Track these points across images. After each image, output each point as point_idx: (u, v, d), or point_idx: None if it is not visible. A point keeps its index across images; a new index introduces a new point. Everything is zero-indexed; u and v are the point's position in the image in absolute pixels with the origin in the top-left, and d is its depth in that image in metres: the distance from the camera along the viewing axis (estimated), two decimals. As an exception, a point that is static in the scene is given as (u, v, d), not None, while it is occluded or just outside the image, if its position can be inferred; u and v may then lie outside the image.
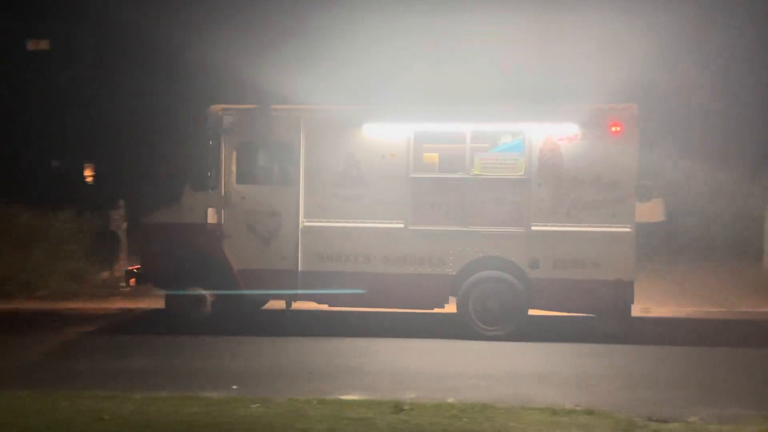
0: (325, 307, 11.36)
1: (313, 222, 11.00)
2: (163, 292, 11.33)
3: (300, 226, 11.00)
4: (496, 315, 10.74)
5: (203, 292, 11.12)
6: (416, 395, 7.62)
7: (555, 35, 15.14)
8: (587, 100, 10.97)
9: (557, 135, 10.70)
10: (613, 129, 10.61)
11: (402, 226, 10.87)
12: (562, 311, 11.09)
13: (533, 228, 10.68)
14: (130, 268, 11.50)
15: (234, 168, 11.14)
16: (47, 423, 6.41)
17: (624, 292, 10.56)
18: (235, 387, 8.14)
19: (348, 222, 10.95)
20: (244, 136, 11.12)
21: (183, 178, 11.24)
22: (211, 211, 11.13)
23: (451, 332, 10.90)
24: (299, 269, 10.98)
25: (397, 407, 6.86)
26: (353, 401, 7.36)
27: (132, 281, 11.39)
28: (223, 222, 11.12)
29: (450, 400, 7.46)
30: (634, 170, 10.63)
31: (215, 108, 11.23)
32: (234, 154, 11.13)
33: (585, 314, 11.14)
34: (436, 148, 11.08)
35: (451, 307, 10.99)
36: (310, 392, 7.72)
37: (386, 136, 10.93)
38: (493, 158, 10.88)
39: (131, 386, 7.99)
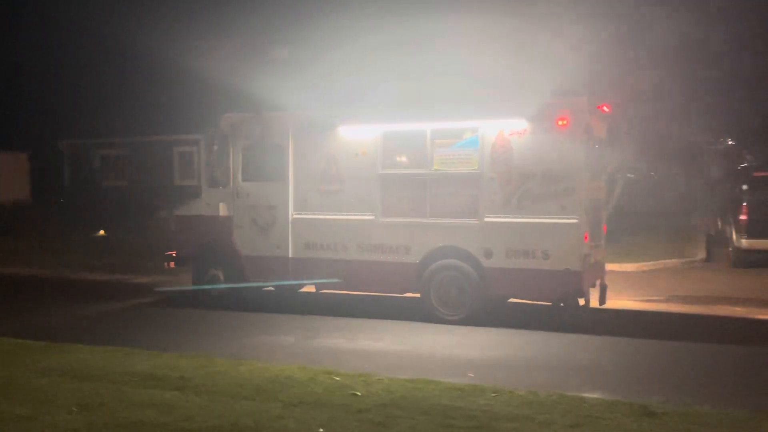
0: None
1: (301, 215, 12.41)
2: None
3: (290, 218, 12.45)
4: (454, 301, 11.48)
5: (218, 273, 12.98)
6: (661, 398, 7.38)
7: (524, 35, 15.05)
8: (536, 95, 11.16)
9: (508, 130, 11.12)
10: (560, 122, 10.83)
11: (373, 218, 11.93)
12: (516, 298, 11.57)
13: (486, 219, 11.25)
14: (168, 252, 13.65)
15: (240, 167, 12.82)
16: (305, 396, 7.10)
17: (572, 281, 10.84)
18: (471, 375, 8.30)
19: (328, 214, 12.22)
20: (246, 140, 12.76)
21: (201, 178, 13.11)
22: (222, 206, 12.94)
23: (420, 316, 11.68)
24: (290, 256, 12.45)
25: (646, 411, 6.62)
26: (594, 399, 7.19)
27: (171, 264, 13.53)
28: (232, 215, 12.87)
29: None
30: (581, 162, 10.79)
31: (224, 117, 12.95)
32: (240, 155, 12.82)
33: (539, 302, 11.51)
34: (402, 146, 11.92)
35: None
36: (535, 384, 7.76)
37: (359, 136, 12.01)
38: (450, 154, 11.54)
39: (374, 367, 8.55)
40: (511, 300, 12.07)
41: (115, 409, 6.70)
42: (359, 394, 7.19)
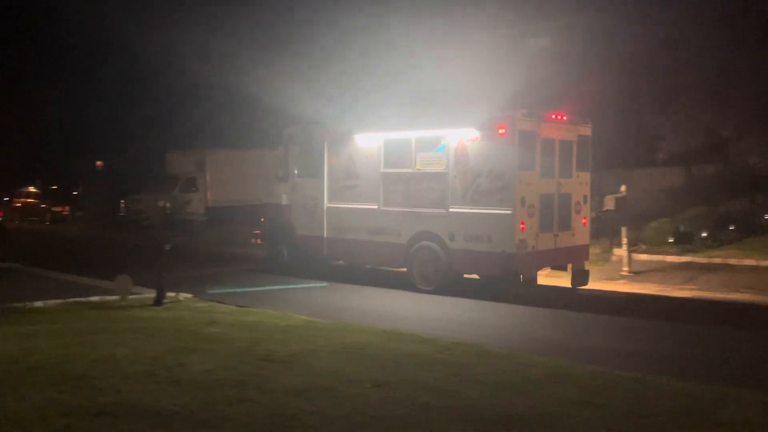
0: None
1: (333, 204, 15.81)
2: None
3: (325, 207, 15.90)
4: (429, 275, 14.25)
5: (283, 248, 16.80)
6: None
7: (490, 53, 16.75)
8: (486, 109, 13.51)
9: (466, 138, 13.70)
10: (500, 131, 13.22)
11: (376, 207, 15.01)
12: (472, 274, 14.08)
13: (450, 210, 13.91)
14: (255, 231, 17.65)
15: (295, 167, 16.51)
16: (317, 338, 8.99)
17: (509, 261, 13.19)
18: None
19: (349, 204, 15.50)
20: (299, 146, 16.42)
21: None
22: (284, 196, 16.72)
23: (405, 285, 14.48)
24: (325, 236, 15.91)
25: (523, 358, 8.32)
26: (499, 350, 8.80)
27: (258, 240, 17.56)
28: (291, 203, 16.61)
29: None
30: (516, 163, 13.10)
31: (286, 129, 16.73)
32: (295, 157, 16.51)
33: (490, 277, 13.90)
34: (396, 151, 14.83)
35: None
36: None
37: (368, 143, 15.16)
38: (428, 157, 14.32)
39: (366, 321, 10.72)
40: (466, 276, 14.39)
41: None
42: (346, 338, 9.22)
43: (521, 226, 13.14)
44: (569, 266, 14.49)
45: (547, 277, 15.48)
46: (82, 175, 38.88)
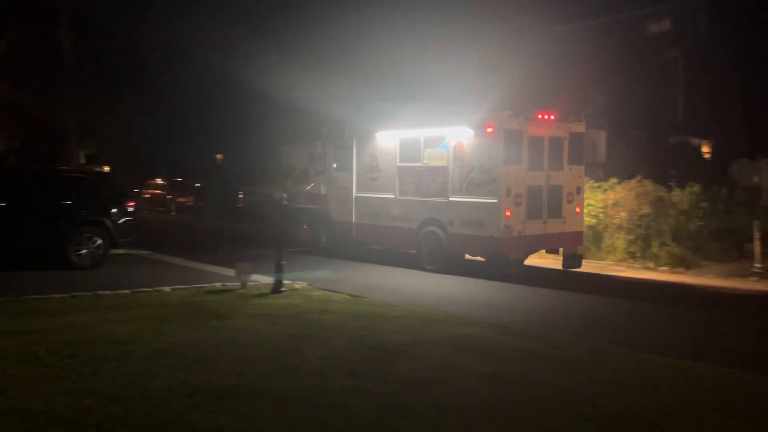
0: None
1: (359, 193, 17.99)
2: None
3: (354, 196, 18.10)
4: (434, 256, 16.24)
5: (322, 233, 19.14)
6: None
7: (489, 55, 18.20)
8: (479, 109, 15.34)
9: (463, 136, 15.60)
10: (488, 130, 15.07)
11: (393, 196, 17.08)
12: (468, 255, 15.98)
13: (450, 199, 15.84)
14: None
15: (332, 161, 18.79)
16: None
17: (496, 244, 15.03)
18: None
19: (372, 194, 17.63)
20: (335, 142, 18.68)
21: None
22: (323, 187, 19.04)
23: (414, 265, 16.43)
24: (354, 222, 18.12)
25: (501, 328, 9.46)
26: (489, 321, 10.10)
27: (305, 226, 19.95)
28: (328, 193, 18.91)
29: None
30: (501, 159, 14.90)
31: (324, 127, 19.04)
32: (332, 152, 18.78)
33: (483, 258, 15.75)
34: (409, 147, 16.83)
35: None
36: None
37: (387, 139, 17.25)
38: (433, 153, 16.28)
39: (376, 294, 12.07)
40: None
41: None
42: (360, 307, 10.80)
43: (507, 213, 14.90)
44: (561, 250, 16.11)
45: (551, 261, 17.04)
46: (204, 168, 40.38)
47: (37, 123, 33.62)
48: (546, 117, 15.44)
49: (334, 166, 18.75)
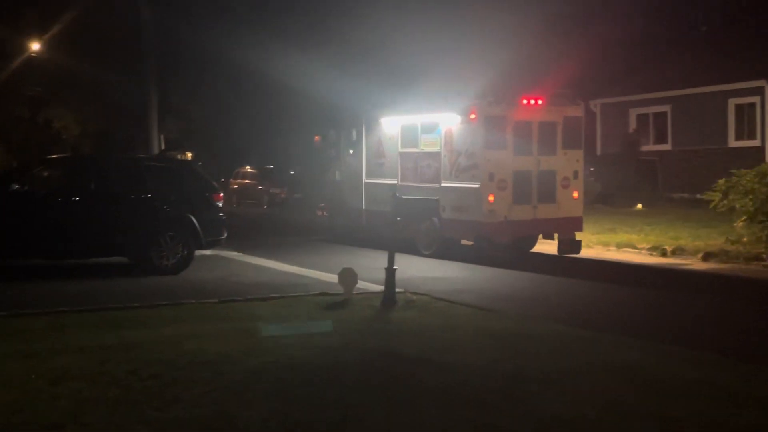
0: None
1: (368, 179, 18.42)
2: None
3: (363, 182, 18.55)
4: (429, 241, 16.52)
5: (338, 219, 19.72)
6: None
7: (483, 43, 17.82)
8: (465, 97, 15.46)
9: (453, 122, 15.78)
10: (471, 116, 15.22)
11: (396, 182, 17.40)
12: (458, 239, 16.16)
13: (442, 184, 16.07)
14: (320, 204, 20.57)
15: (345, 147, 19.29)
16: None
17: (482, 229, 15.22)
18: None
19: (378, 180, 18.01)
20: (348, 129, 19.15)
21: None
22: (338, 173, 19.60)
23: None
24: (363, 208, 18.57)
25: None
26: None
27: (321, 213, 20.55)
28: (342, 180, 19.42)
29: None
30: (482, 145, 15.04)
31: (339, 113, 19.60)
32: (345, 139, 19.29)
33: (471, 241, 15.90)
34: (409, 133, 17.09)
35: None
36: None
37: (391, 125, 17.60)
38: (428, 139, 16.52)
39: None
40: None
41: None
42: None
43: (490, 198, 15.01)
44: (555, 234, 16.04)
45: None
46: (297, 153, 36.44)
47: (115, 104, 32.56)
48: (533, 102, 15.37)
49: (350, 152, 19.20)
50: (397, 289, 10.55)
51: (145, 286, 12.01)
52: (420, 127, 16.65)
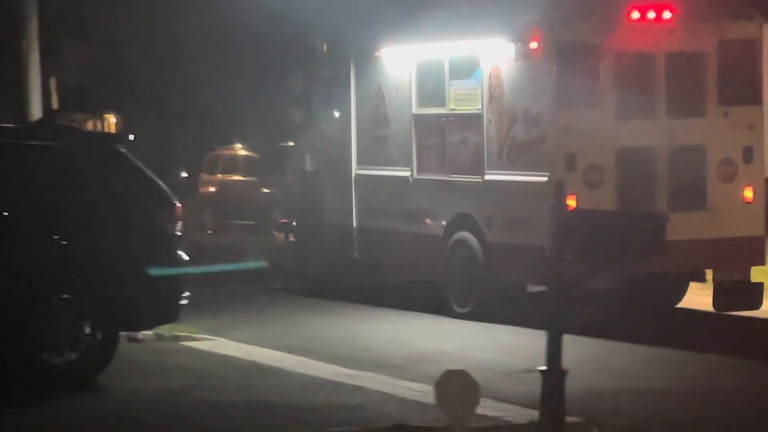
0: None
1: (361, 170, 19.95)
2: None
3: (353, 174, 20.09)
4: (465, 287, 17.95)
5: (310, 246, 21.40)
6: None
7: None
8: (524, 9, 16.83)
9: (503, 57, 17.08)
10: (533, 46, 16.46)
11: (409, 174, 18.82)
12: (517, 281, 17.66)
13: (486, 177, 17.44)
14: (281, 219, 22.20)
15: (319, 105, 20.98)
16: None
17: (549, 261, 16.61)
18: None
19: (378, 168, 19.57)
20: (322, 70, 20.81)
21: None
22: (308, 156, 21.26)
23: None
24: (354, 225, 20.09)
25: None
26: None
27: (283, 235, 22.22)
28: (316, 168, 21.08)
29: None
30: (551, 101, 16.41)
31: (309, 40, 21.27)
32: (319, 89, 20.96)
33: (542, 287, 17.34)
34: (430, 77, 18.53)
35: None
36: None
37: (398, 65, 19.09)
38: (461, 88, 17.84)
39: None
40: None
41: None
42: None
43: (569, 202, 16.23)
44: (710, 274, 17.15)
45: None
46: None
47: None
48: (652, 15, 16.41)
49: (334, 114, 20.69)
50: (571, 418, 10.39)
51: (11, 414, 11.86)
52: (448, 66, 17.99)
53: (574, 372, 12.28)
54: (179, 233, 13.71)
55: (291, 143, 36.57)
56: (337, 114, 20.75)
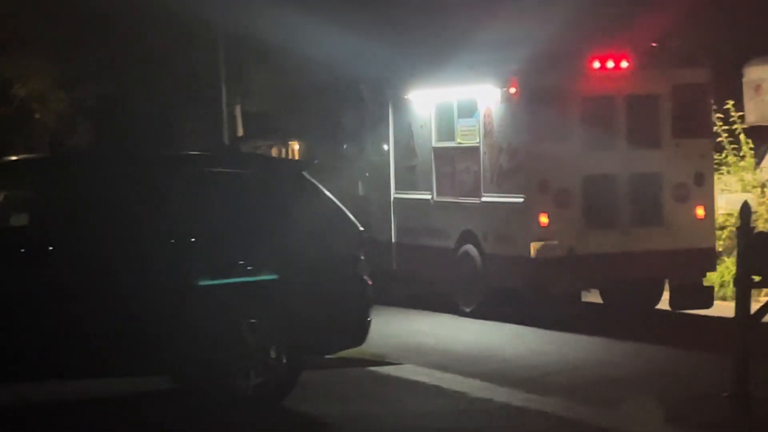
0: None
1: (398, 194, 23.26)
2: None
3: (392, 197, 23.40)
4: (469, 291, 21.05)
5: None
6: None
7: None
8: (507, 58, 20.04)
9: (492, 99, 20.19)
10: (512, 90, 19.64)
11: (430, 197, 21.99)
12: (506, 285, 20.79)
13: (483, 199, 20.70)
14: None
15: (367, 138, 24.45)
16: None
17: (527, 268, 19.60)
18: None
19: (410, 193, 22.86)
20: (369, 108, 24.32)
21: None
22: (360, 182, 24.71)
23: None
24: (393, 240, 23.48)
25: None
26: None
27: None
28: (367, 194, 24.50)
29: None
30: (525, 136, 19.68)
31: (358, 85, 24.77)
32: (368, 124, 24.45)
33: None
34: (444, 117, 21.64)
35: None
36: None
37: (421, 106, 22.38)
38: (465, 126, 20.87)
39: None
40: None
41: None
42: None
43: (541, 220, 19.23)
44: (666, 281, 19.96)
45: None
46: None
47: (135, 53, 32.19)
48: (611, 64, 19.38)
49: (383, 147, 23.81)
50: None
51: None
52: (456, 108, 21.19)
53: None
54: (363, 257, 13.57)
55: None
56: (383, 147, 23.74)
